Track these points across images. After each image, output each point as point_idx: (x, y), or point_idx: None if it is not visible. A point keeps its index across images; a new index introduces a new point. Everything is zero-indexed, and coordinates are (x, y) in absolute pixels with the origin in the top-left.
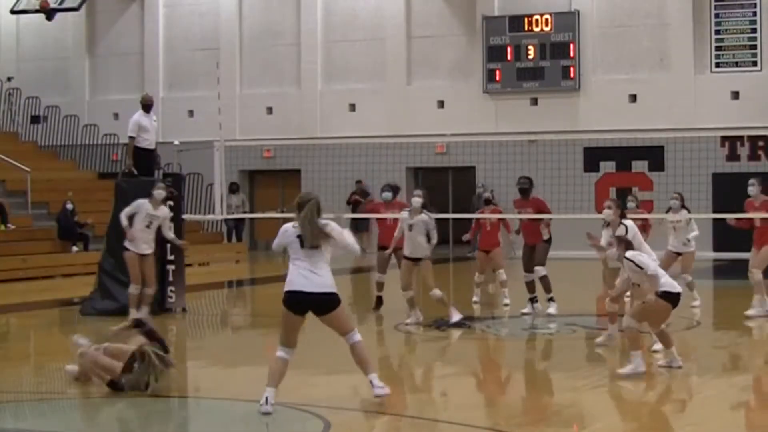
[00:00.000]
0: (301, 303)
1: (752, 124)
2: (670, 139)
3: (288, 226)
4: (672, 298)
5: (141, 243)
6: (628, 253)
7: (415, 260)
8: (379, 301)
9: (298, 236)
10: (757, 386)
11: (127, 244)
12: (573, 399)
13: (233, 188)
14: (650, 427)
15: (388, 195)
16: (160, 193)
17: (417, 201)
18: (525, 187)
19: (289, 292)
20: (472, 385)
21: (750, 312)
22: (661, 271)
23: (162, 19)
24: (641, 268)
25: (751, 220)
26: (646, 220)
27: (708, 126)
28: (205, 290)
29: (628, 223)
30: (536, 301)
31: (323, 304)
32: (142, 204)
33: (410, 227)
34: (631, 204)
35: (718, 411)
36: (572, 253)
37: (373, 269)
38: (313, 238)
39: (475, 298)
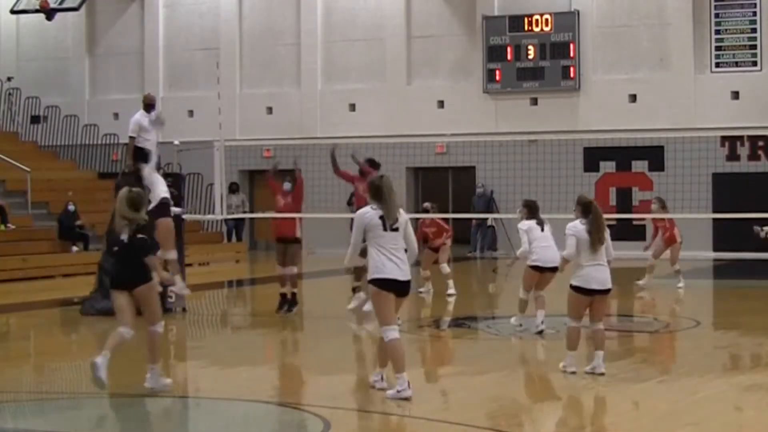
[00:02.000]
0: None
1: (752, 123)
2: (670, 139)
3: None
4: (582, 291)
5: None
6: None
7: None
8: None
9: (381, 217)
10: (757, 386)
11: None
12: (572, 400)
13: (233, 188)
14: (649, 428)
15: (288, 185)
16: None
17: None
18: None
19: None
20: (470, 385)
21: None
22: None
23: (162, 19)
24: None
25: None
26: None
27: (708, 126)
28: (205, 290)
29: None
30: None
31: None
32: None
33: None
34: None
35: (717, 411)
36: None
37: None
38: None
39: (422, 290)
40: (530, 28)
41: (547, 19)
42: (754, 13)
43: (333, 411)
